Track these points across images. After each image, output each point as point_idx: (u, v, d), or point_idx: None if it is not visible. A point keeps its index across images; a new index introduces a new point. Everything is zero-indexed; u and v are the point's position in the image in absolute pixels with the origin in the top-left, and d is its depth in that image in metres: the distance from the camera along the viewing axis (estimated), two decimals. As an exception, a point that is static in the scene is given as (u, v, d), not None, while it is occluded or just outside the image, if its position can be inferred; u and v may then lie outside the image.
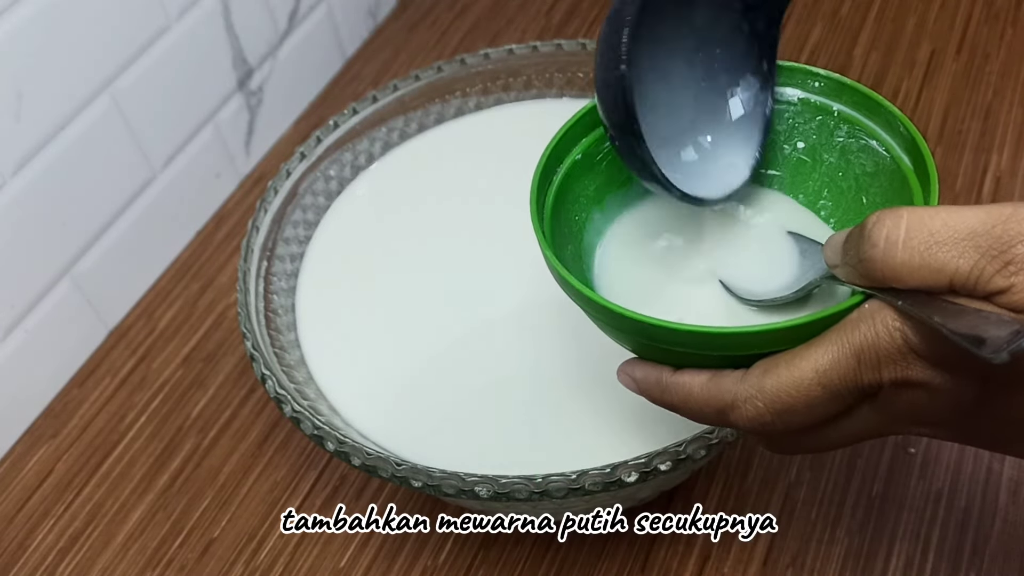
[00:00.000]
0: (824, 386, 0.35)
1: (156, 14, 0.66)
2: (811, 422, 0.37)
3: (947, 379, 0.34)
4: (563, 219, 0.45)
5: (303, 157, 0.59)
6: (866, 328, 0.34)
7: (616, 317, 0.38)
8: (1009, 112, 0.72)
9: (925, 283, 0.33)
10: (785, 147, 0.47)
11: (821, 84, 0.45)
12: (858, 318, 0.35)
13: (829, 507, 0.55)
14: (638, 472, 0.43)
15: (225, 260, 0.72)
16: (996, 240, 0.32)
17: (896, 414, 0.36)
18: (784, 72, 0.46)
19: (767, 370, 0.37)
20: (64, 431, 0.64)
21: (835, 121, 0.45)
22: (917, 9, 0.80)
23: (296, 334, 0.56)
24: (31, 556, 0.59)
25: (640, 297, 0.44)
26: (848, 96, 0.45)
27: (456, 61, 0.62)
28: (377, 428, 0.51)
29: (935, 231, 0.33)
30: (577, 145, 0.46)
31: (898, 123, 0.42)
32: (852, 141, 0.45)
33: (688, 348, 0.38)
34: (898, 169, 0.42)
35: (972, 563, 0.52)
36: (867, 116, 0.44)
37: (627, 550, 0.55)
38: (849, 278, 0.36)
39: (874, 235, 0.34)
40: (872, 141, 0.44)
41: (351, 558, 0.56)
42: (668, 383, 0.40)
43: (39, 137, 0.60)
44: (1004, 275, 0.32)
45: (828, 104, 0.45)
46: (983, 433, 0.36)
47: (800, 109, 0.46)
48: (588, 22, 0.84)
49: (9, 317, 0.61)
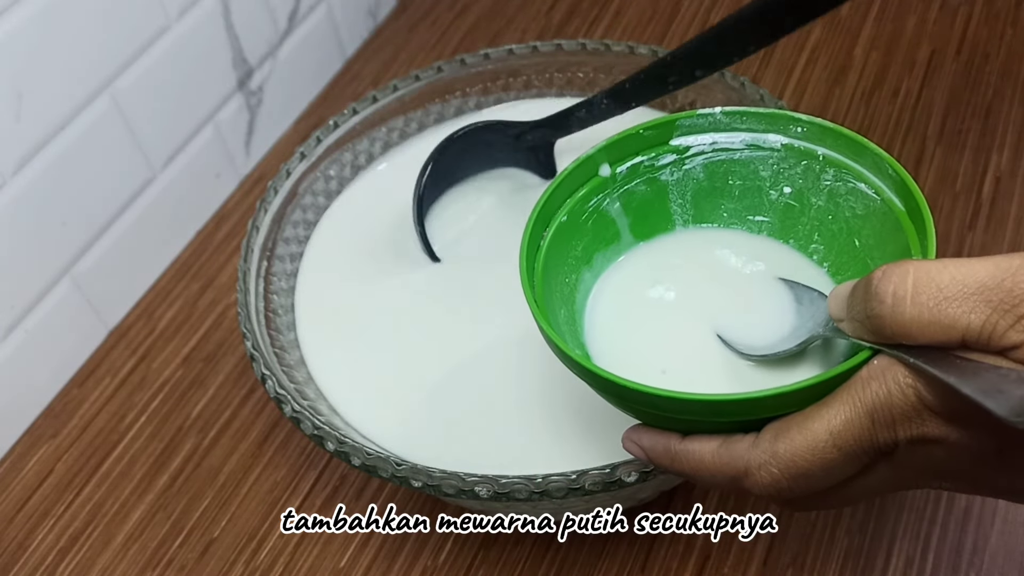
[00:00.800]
0: (839, 448, 0.35)
1: (156, 14, 0.66)
2: (828, 484, 0.36)
3: (964, 434, 0.33)
4: (554, 283, 0.44)
5: (303, 157, 0.59)
6: (877, 386, 0.34)
7: (621, 389, 0.37)
8: (1009, 112, 0.72)
9: (936, 339, 0.32)
10: (772, 192, 0.47)
11: (804, 129, 0.45)
12: (868, 376, 0.34)
13: (829, 507, 0.55)
14: (638, 472, 0.43)
15: (225, 260, 0.72)
16: (1007, 293, 0.31)
17: (915, 470, 0.35)
18: (766, 119, 0.46)
19: (779, 435, 0.36)
20: (64, 431, 0.64)
21: (820, 165, 0.45)
22: (917, 9, 0.80)
23: (296, 334, 0.56)
24: (31, 556, 0.59)
25: (636, 357, 0.44)
26: (832, 140, 0.44)
27: (456, 61, 0.62)
28: (377, 428, 0.51)
29: (944, 286, 0.32)
30: (562, 207, 0.46)
31: (886, 165, 0.42)
32: (840, 184, 0.44)
33: (696, 416, 0.37)
34: (890, 211, 0.42)
35: (972, 563, 0.52)
36: (853, 159, 0.44)
37: (627, 550, 0.55)
38: (856, 333, 0.35)
39: (881, 291, 0.33)
40: (860, 184, 0.43)
41: (351, 558, 0.56)
42: (678, 452, 0.39)
43: (39, 137, 0.60)
44: (1017, 329, 0.31)
45: (812, 148, 0.45)
46: (1003, 485, 0.35)
47: (784, 155, 0.46)
48: (588, 22, 0.84)
49: (9, 317, 0.61)
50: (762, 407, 0.36)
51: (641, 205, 0.48)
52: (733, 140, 0.46)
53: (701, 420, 0.38)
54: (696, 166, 0.47)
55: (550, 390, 0.52)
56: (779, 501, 0.38)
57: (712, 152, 0.47)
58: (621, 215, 0.47)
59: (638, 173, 0.47)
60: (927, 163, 0.69)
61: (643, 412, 0.40)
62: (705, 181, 0.47)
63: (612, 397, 0.40)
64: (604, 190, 0.47)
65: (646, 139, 0.47)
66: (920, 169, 0.69)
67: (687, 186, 0.48)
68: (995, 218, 0.66)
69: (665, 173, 0.47)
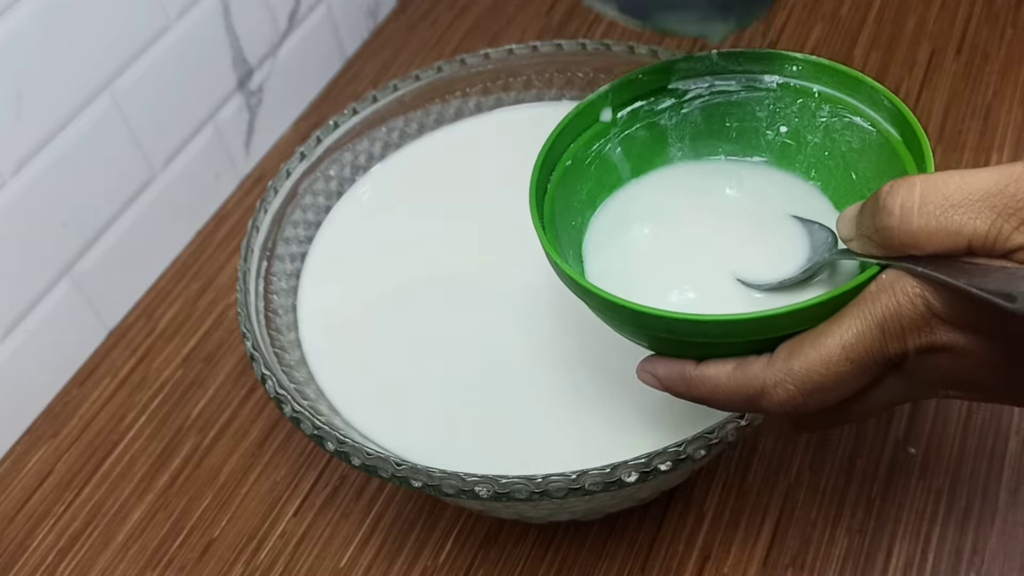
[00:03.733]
0: (852, 360, 0.36)
1: (156, 14, 0.66)
2: (841, 398, 0.37)
3: (972, 340, 0.34)
4: (560, 227, 0.45)
5: (303, 157, 0.59)
6: (887, 299, 0.35)
7: (639, 316, 0.38)
8: (1009, 112, 0.72)
9: (944, 247, 0.33)
10: (768, 132, 0.47)
11: (800, 68, 0.46)
12: (878, 290, 0.35)
13: (829, 507, 0.55)
14: (638, 472, 0.43)
15: (225, 260, 0.72)
16: (1011, 198, 0.32)
17: (924, 380, 0.36)
18: (762, 59, 0.46)
19: (793, 352, 0.37)
20: (64, 431, 0.64)
21: (816, 102, 0.46)
22: (917, 9, 0.80)
23: (296, 334, 0.56)
24: (31, 556, 0.59)
25: (643, 292, 0.44)
26: (827, 77, 0.45)
27: (456, 61, 0.62)
28: (377, 428, 0.51)
29: (949, 195, 0.33)
30: (566, 151, 0.46)
31: (881, 97, 0.43)
32: (835, 120, 0.45)
33: (711, 338, 0.38)
34: (886, 142, 0.43)
35: (972, 563, 0.52)
36: (848, 94, 0.45)
37: (627, 550, 0.55)
38: (865, 250, 0.36)
39: (889, 204, 0.34)
40: (856, 118, 0.44)
41: (351, 558, 0.56)
42: (693, 377, 0.40)
43: (39, 137, 0.60)
44: (1022, 231, 0.32)
45: (808, 86, 0.46)
46: (1014, 391, 0.36)
47: (780, 94, 0.47)
48: (588, 22, 0.84)
49: (9, 317, 0.61)
50: (775, 325, 0.37)
51: (641, 150, 0.48)
52: (730, 82, 0.47)
53: (715, 342, 0.38)
54: (694, 109, 0.48)
55: (552, 391, 0.52)
56: (793, 420, 0.40)
57: (709, 95, 0.48)
58: (623, 160, 0.48)
59: (638, 118, 0.48)
60: (927, 163, 0.69)
61: (658, 339, 0.40)
62: (702, 124, 0.48)
63: (628, 326, 0.40)
64: (606, 135, 0.47)
65: (645, 83, 0.47)
66: (920, 169, 0.69)
67: (685, 130, 0.48)
68: (995, 218, 0.66)
69: (664, 117, 0.48)
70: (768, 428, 0.58)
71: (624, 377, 0.52)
